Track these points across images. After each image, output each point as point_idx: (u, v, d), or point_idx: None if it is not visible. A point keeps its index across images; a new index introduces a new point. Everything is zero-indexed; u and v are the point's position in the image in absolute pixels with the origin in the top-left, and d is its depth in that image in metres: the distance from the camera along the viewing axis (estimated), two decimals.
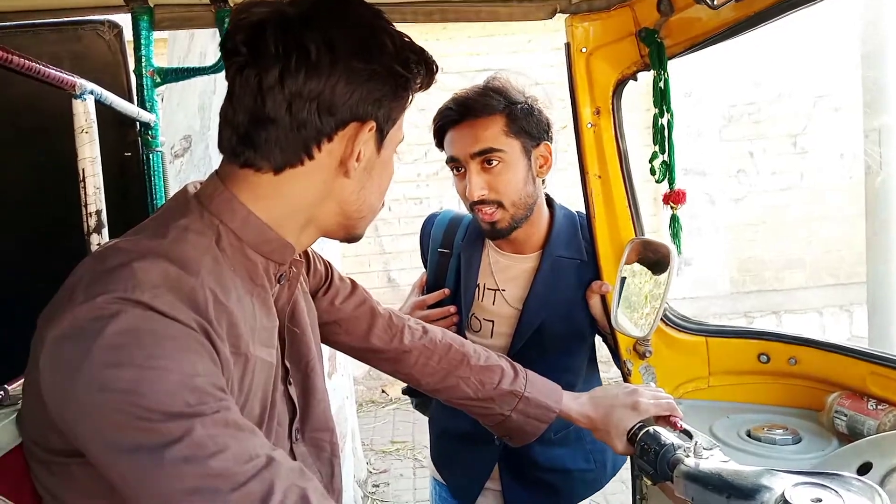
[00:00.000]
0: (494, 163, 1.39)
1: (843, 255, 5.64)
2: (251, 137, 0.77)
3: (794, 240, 5.71)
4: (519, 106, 1.41)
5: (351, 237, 0.91)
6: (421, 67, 0.82)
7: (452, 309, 1.57)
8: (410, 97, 0.84)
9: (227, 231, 0.79)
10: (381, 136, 0.83)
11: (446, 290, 1.60)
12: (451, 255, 1.62)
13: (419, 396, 1.78)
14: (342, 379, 3.42)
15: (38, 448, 0.74)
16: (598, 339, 1.61)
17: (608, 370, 1.71)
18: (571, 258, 1.51)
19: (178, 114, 3.11)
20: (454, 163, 1.45)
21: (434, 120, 1.47)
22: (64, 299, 0.69)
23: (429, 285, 1.67)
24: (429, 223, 1.73)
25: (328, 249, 3.20)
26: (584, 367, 1.61)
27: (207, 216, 0.79)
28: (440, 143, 1.50)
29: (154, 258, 0.71)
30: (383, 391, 5.70)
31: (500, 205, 1.42)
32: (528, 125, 1.41)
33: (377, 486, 4.06)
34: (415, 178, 5.61)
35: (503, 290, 1.55)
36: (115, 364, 0.63)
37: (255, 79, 0.75)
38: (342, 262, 4.77)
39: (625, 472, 1.69)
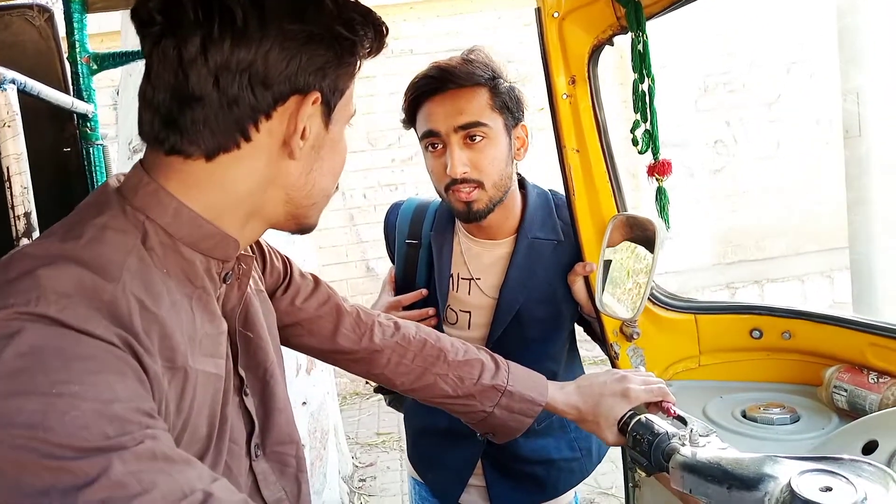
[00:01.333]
0: (478, 138, 1.30)
1: (824, 222, 5.65)
2: (175, 120, 0.67)
3: (774, 208, 5.70)
4: (502, 80, 1.32)
5: (302, 228, 0.81)
6: (368, 29, 0.73)
7: (431, 311, 1.47)
8: (358, 64, 0.74)
9: (156, 227, 0.69)
10: (327, 109, 0.74)
11: (424, 291, 1.50)
12: (419, 245, 1.53)
13: (392, 393, 1.70)
14: (322, 374, 3.32)
15: None
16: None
17: (593, 348, 1.64)
18: (548, 239, 1.44)
19: (134, 107, 2.97)
20: (432, 138, 1.33)
21: (407, 91, 1.36)
22: None
23: (398, 280, 1.57)
24: (392, 213, 1.62)
25: (301, 241, 3.10)
26: (564, 353, 1.54)
27: (131, 211, 0.69)
28: (411, 118, 1.39)
29: (64, 263, 0.61)
30: (367, 382, 5.62)
31: (479, 185, 1.32)
32: (510, 102, 1.33)
33: (364, 480, 4.00)
34: (389, 163, 5.51)
35: (478, 279, 1.46)
36: (16, 393, 0.53)
37: (174, 51, 0.65)
38: (318, 253, 4.67)
39: (613, 451, 1.65)
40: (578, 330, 1.58)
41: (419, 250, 1.53)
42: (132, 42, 3.04)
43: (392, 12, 5.20)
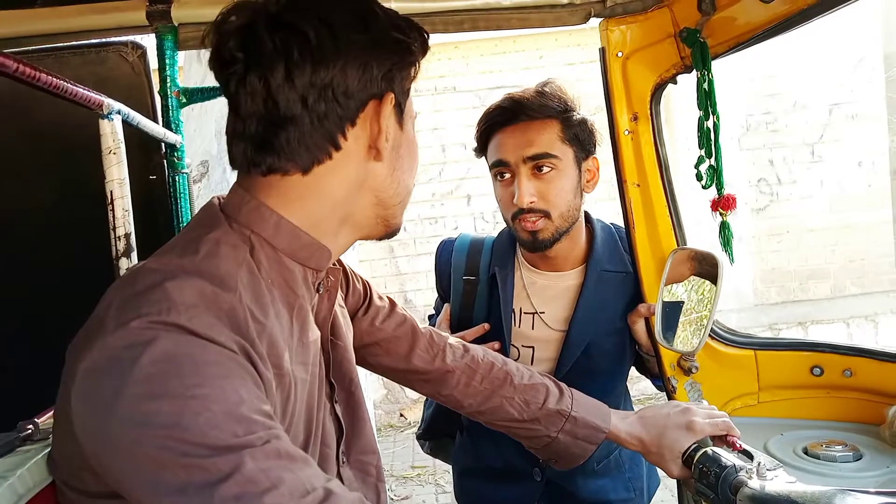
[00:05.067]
0: (546, 169, 1.33)
1: (867, 265, 5.55)
2: (270, 143, 0.73)
3: (817, 249, 5.62)
4: (574, 114, 1.35)
5: (390, 230, 0.86)
6: (414, 33, 0.78)
7: (497, 345, 1.44)
8: (417, 65, 0.80)
9: (261, 241, 0.75)
10: (399, 110, 0.79)
11: (486, 326, 1.48)
12: (478, 281, 1.52)
13: (432, 439, 1.71)
14: None
15: (71, 490, 0.69)
16: None
17: (631, 387, 1.64)
18: (616, 271, 1.45)
19: (195, 139, 3.10)
20: (501, 167, 1.37)
21: (480, 121, 1.40)
22: (94, 328, 0.64)
23: (455, 317, 1.55)
24: (446, 250, 1.60)
25: None
26: (624, 389, 1.55)
27: (237, 227, 0.75)
28: (483, 148, 1.43)
29: (187, 276, 0.66)
30: (402, 415, 5.63)
31: (546, 215, 1.34)
32: (582, 134, 1.36)
33: None
34: (430, 197, 5.58)
35: (542, 313, 1.46)
36: (154, 396, 0.58)
37: (261, 82, 0.70)
38: None
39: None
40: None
41: (477, 286, 1.52)
42: (194, 79, 3.18)
43: (437, 51, 5.33)
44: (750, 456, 1.06)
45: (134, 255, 1.07)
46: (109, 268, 1.05)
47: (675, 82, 1.31)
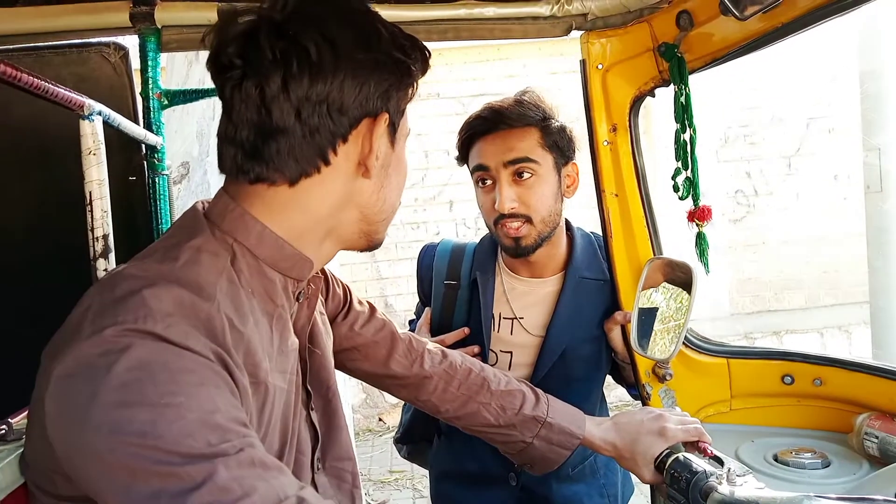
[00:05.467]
0: (527, 175, 1.35)
1: (842, 276, 5.65)
2: (260, 152, 0.73)
3: (792, 260, 5.71)
4: (553, 121, 1.37)
5: (372, 243, 0.86)
6: (416, 52, 0.79)
7: (476, 349, 1.47)
8: (415, 85, 0.81)
9: (243, 250, 0.75)
10: (393, 129, 0.80)
11: (466, 330, 1.50)
12: (459, 286, 1.54)
13: (410, 443, 1.71)
14: None
15: (42, 493, 0.69)
16: None
17: (608, 394, 1.66)
18: (595, 279, 1.47)
19: (175, 140, 3.08)
20: (482, 173, 1.39)
21: (461, 130, 1.42)
22: (69, 333, 0.64)
23: (435, 321, 1.57)
24: (428, 255, 1.62)
25: None
26: (600, 395, 1.56)
27: (220, 235, 0.75)
28: (464, 157, 1.45)
29: (166, 284, 0.66)
30: (380, 419, 5.62)
31: (528, 220, 1.36)
32: (561, 141, 1.38)
33: None
34: (412, 202, 5.60)
35: (521, 318, 1.48)
36: (128, 403, 0.58)
37: (257, 90, 0.70)
38: None
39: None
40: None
41: (458, 291, 1.54)
42: (176, 80, 3.16)
43: None
44: (720, 462, 1.08)
45: (112, 257, 1.06)
46: (87, 268, 1.05)
47: (654, 95, 1.34)
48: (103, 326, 0.61)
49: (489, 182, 1.39)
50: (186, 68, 3.13)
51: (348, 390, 3.99)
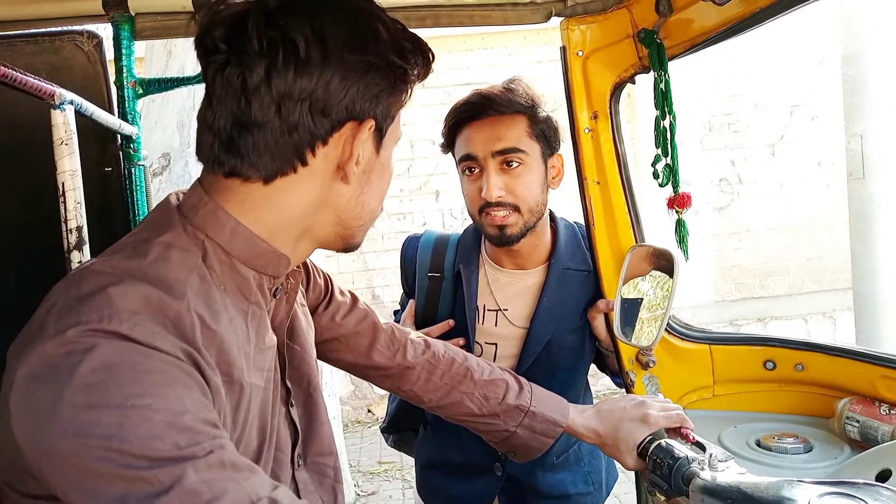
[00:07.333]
0: (515, 164, 1.34)
1: (826, 263, 5.70)
2: (236, 144, 0.70)
3: (776, 247, 5.75)
4: (540, 110, 1.36)
5: (349, 247, 0.83)
6: (418, 57, 0.75)
7: (461, 341, 1.45)
8: (409, 91, 0.77)
9: (215, 246, 0.72)
10: (379, 135, 0.76)
11: (451, 322, 1.49)
12: (442, 278, 1.53)
13: (396, 433, 1.71)
14: (328, 399, 3.33)
15: (14, 491, 0.67)
16: None
17: (595, 383, 1.66)
18: (578, 269, 1.47)
19: (156, 131, 3.05)
20: (469, 161, 1.37)
21: (448, 116, 1.40)
22: (34, 331, 0.62)
23: (419, 313, 1.56)
24: (412, 247, 1.60)
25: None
26: (584, 384, 1.57)
27: (192, 230, 0.72)
28: (450, 143, 1.43)
29: (133, 281, 0.64)
30: (369, 411, 5.62)
31: (515, 209, 1.35)
32: (548, 131, 1.37)
33: None
34: (398, 193, 5.58)
35: (505, 310, 1.47)
36: (93, 405, 0.56)
37: (238, 79, 0.68)
38: None
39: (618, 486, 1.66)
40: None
41: (442, 283, 1.52)
42: (155, 70, 3.13)
43: None
44: (703, 448, 1.09)
45: (86, 249, 1.04)
46: (60, 261, 1.03)
47: (634, 82, 1.33)
48: (67, 326, 0.59)
49: (476, 171, 1.38)
50: (166, 58, 3.09)
51: (336, 382, 3.99)
